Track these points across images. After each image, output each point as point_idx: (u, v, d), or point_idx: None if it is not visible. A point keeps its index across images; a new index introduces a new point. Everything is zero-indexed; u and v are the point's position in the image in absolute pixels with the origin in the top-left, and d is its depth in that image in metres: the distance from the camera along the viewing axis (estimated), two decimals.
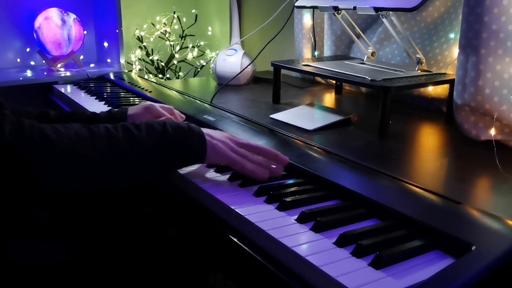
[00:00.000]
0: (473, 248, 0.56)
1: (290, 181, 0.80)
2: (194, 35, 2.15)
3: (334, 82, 1.54)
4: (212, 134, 0.81)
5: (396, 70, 1.18)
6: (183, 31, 2.12)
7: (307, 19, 1.65)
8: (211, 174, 0.84)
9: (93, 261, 0.84)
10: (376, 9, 1.12)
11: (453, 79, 1.08)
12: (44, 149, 0.67)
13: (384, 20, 1.17)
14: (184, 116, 1.11)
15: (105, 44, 2.08)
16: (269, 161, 0.81)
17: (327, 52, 1.60)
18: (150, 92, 1.45)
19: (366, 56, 1.32)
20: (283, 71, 1.35)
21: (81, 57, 2.06)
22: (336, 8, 1.24)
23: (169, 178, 0.84)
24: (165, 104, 1.14)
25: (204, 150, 0.78)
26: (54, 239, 0.85)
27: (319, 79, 1.66)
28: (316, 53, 1.65)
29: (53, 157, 0.67)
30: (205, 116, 1.13)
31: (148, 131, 0.75)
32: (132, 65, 2.03)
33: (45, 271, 0.78)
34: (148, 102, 1.08)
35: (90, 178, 0.70)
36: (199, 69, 2.13)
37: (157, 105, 1.08)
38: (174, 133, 0.77)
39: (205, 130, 0.80)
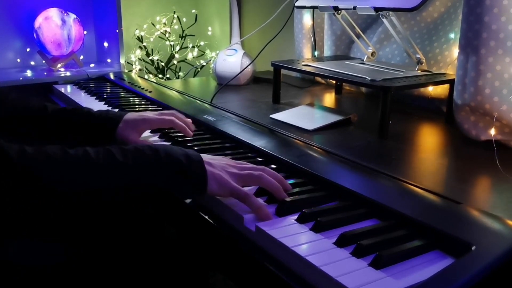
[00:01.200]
0: (473, 248, 0.56)
1: (290, 181, 0.79)
2: (194, 35, 2.15)
3: (334, 82, 1.54)
4: (213, 162, 0.73)
5: (396, 70, 1.18)
6: (183, 31, 2.12)
7: (307, 19, 1.65)
8: None
9: (93, 261, 0.84)
10: (376, 9, 1.12)
11: (453, 79, 1.08)
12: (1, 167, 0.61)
13: (384, 20, 1.17)
14: (190, 120, 1.06)
15: (105, 44, 2.08)
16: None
17: (327, 52, 1.60)
18: (150, 92, 1.45)
19: (366, 56, 1.32)
20: (283, 71, 1.35)
21: (81, 57, 2.06)
22: (336, 8, 1.24)
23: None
24: (166, 111, 1.08)
25: (204, 181, 0.70)
26: (54, 239, 0.85)
27: (319, 79, 1.66)
28: (316, 53, 1.65)
29: (12, 176, 0.62)
30: (205, 116, 1.13)
31: (136, 157, 0.68)
32: (132, 65, 2.03)
33: (45, 271, 0.78)
34: (147, 114, 1.02)
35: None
36: (199, 69, 2.13)
37: (157, 113, 1.02)
38: (167, 161, 0.69)
39: (205, 158, 0.73)
